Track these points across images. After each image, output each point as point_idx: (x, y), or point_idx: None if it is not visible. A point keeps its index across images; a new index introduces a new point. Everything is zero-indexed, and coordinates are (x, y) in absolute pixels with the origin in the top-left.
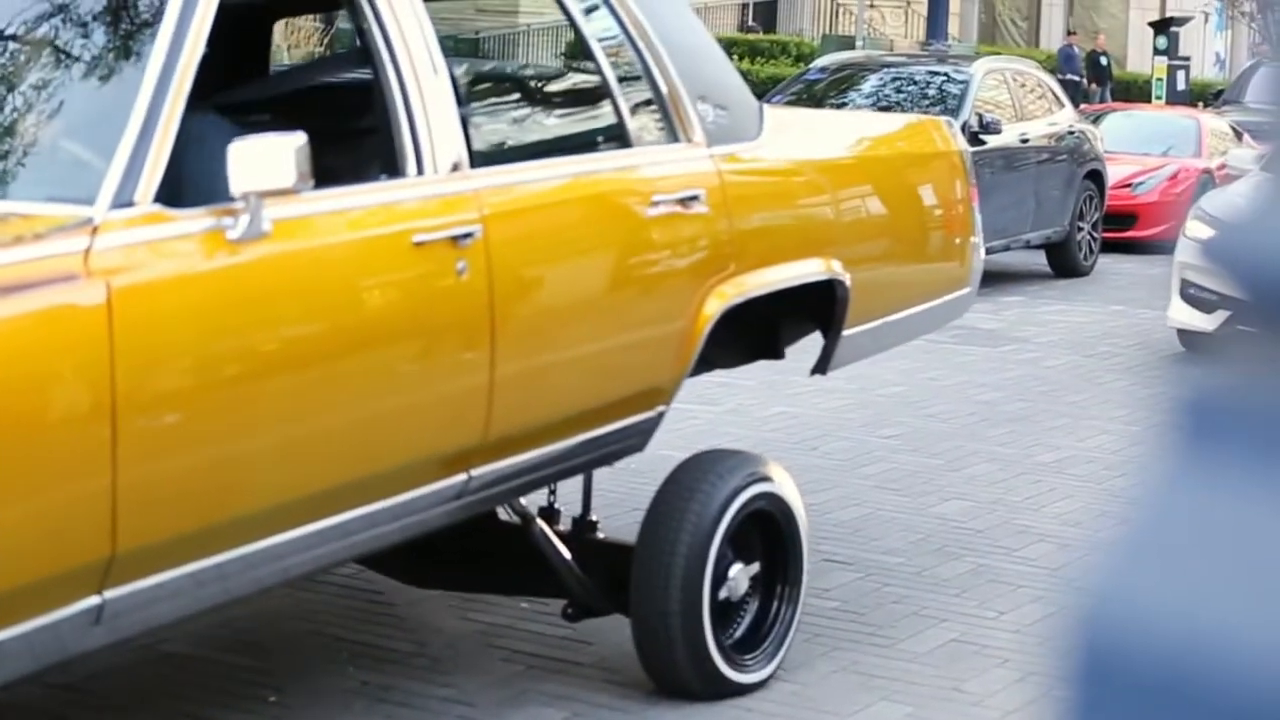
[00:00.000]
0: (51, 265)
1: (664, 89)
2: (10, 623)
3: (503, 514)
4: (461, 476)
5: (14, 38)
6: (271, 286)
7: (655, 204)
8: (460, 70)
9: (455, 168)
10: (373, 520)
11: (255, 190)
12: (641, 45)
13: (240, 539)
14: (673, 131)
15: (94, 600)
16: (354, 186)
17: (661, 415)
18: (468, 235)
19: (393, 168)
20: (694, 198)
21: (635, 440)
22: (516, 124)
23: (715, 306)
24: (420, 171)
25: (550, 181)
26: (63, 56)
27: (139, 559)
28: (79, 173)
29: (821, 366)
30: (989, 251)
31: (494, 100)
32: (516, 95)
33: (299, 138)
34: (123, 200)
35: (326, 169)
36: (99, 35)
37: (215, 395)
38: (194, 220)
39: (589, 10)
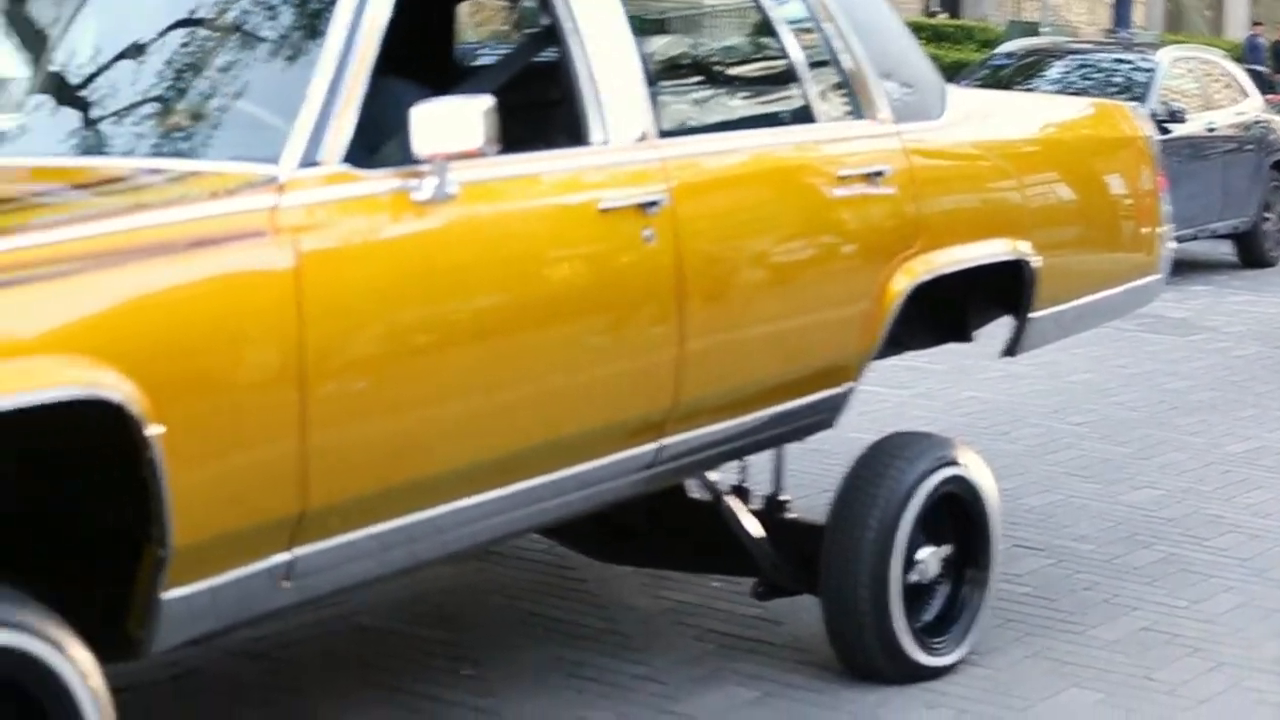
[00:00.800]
0: (240, 221)
1: (849, 66)
2: (199, 577)
3: (694, 492)
4: (652, 446)
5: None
6: (457, 249)
7: (842, 179)
8: (648, 45)
9: (642, 138)
10: (560, 487)
11: (442, 152)
12: (827, 22)
13: (428, 502)
14: (858, 108)
15: (284, 557)
16: (541, 152)
17: (850, 392)
18: (654, 203)
19: (579, 137)
20: (880, 174)
21: (824, 416)
22: (703, 97)
23: (903, 283)
24: (606, 141)
25: (737, 154)
26: (250, 19)
27: (328, 518)
28: (265, 133)
29: (1011, 349)
30: (1176, 240)
31: (681, 73)
32: (703, 69)
33: (486, 100)
34: (309, 160)
35: (513, 137)
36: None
37: (402, 355)
38: (381, 181)
39: None
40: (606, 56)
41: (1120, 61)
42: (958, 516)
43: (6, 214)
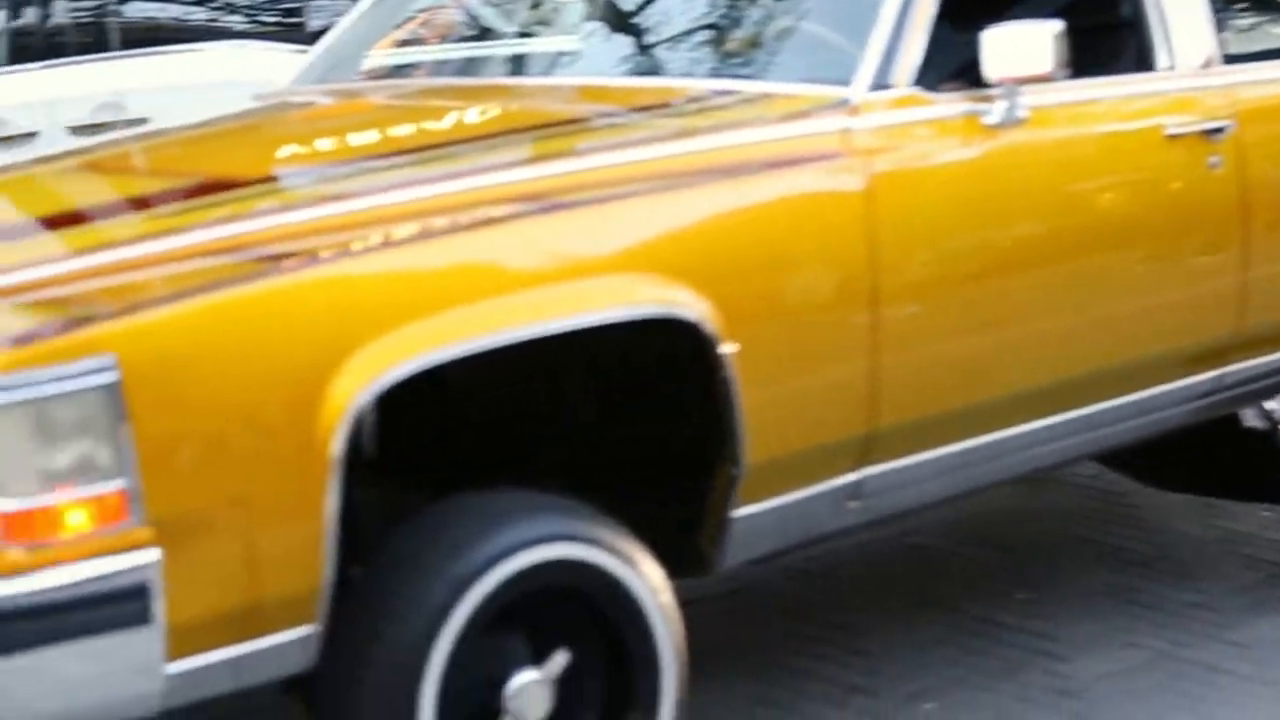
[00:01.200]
0: (814, 142)
1: None
2: (769, 496)
3: (1248, 420)
4: (1212, 374)
5: None
6: (1025, 173)
7: None
8: None
9: (1206, 64)
10: (1118, 414)
11: (1012, 76)
12: None
13: (987, 427)
14: None
15: (851, 477)
16: (1107, 78)
17: None
18: (1220, 130)
19: (1145, 63)
20: None
21: None
22: (1258, 22)
23: None
24: (1172, 67)
25: None
26: None
27: (895, 439)
28: (836, 56)
29: None
30: None
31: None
32: None
33: (1056, 24)
34: (880, 83)
35: (1077, 62)
36: None
37: (968, 278)
38: (951, 104)
39: None
40: None
41: None
42: None
43: (581, 134)
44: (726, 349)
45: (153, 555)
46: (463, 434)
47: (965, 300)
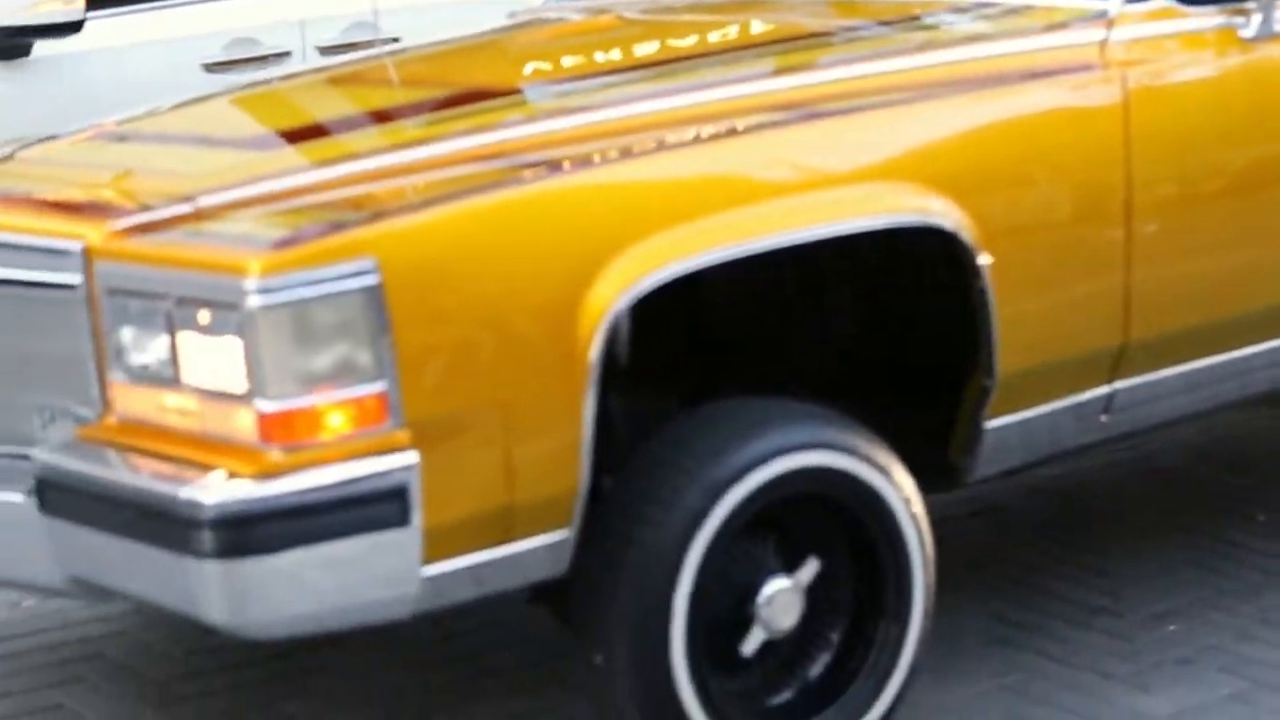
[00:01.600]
0: (1071, 54)
1: None
2: (1020, 408)
3: None
4: None
5: None
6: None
7: None
8: None
9: None
10: None
11: None
12: None
13: (1234, 343)
14: None
15: (1103, 390)
16: None
17: None
18: None
19: None
20: None
21: None
22: None
23: None
24: None
25: None
26: None
27: (1145, 353)
28: None
29: None
30: None
31: None
32: None
33: None
34: None
35: None
36: None
37: (1224, 193)
38: (1207, 17)
39: None
40: None
41: None
42: None
43: (835, 46)
44: (983, 260)
45: (411, 458)
46: (717, 343)
47: (1219, 214)
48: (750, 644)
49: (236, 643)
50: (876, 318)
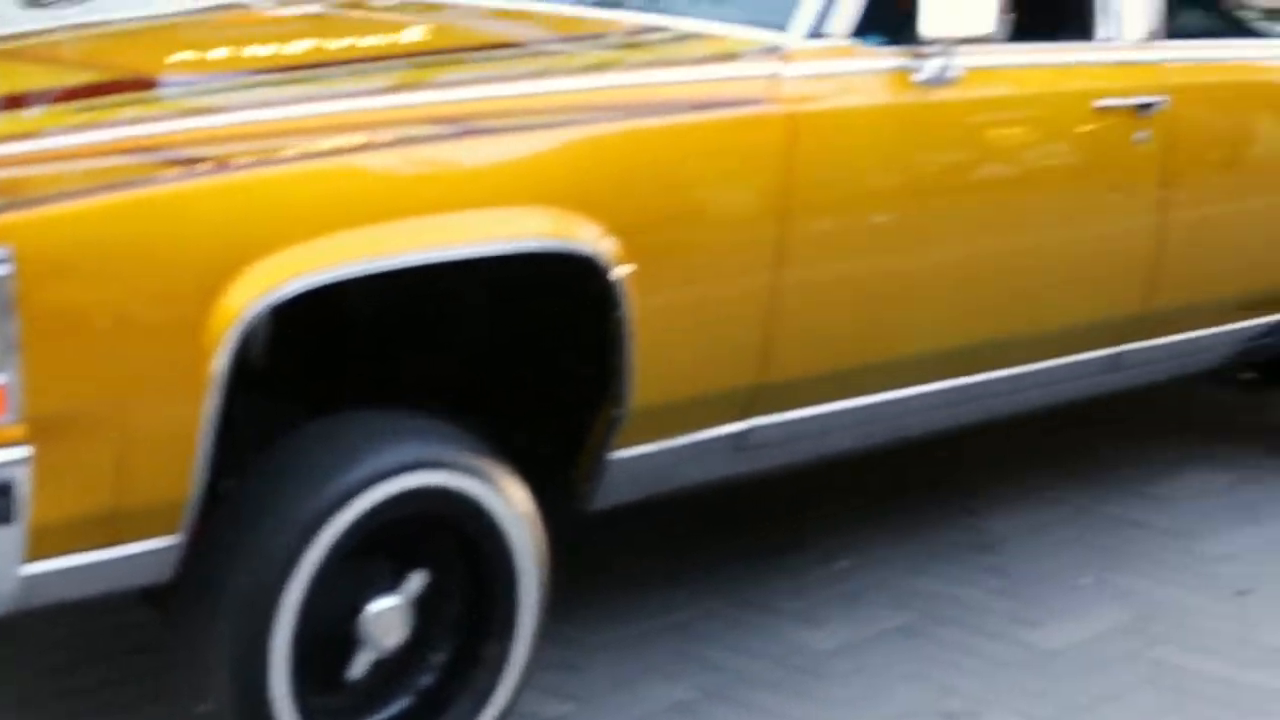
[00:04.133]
0: (739, 87)
1: None
2: (651, 440)
3: None
4: (1109, 351)
5: None
6: (952, 134)
7: None
8: None
9: (1148, 38)
10: (1016, 384)
11: (949, 35)
12: None
13: (880, 386)
14: None
15: (737, 427)
16: (1044, 43)
17: None
18: (1151, 106)
19: (1084, 31)
20: None
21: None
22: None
23: None
24: (1110, 38)
25: (1237, 63)
26: None
27: (785, 392)
28: (777, 1)
29: None
30: None
31: None
32: None
33: None
34: (816, 31)
35: (1015, 26)
36: None
37: (883, 237)
38: (884, 59)
39: None
40: None
41: None
42: None
43: (509, 60)
44: (621, 291)
45: (21, 453)
46: (355, 352)
47: (869, 264)
48: (357, 667)
49: None
50: (515, 337)
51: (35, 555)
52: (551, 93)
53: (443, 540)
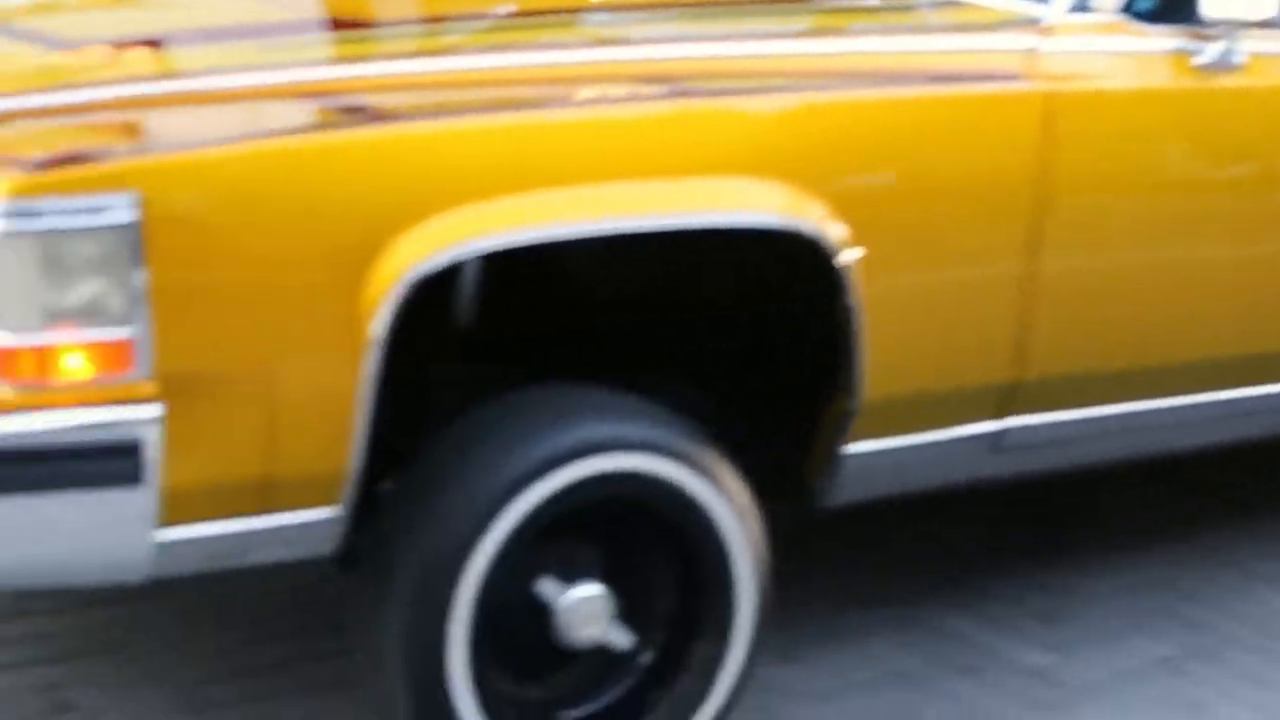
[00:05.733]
0: (993, 60)
1: None
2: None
3: None
4: None
5: None
6: (1232, 124)
7: None
8: None
9: None
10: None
11: (1234, 17)
12: None
13: (1150, 393)
14: None
15: (991, 426)
16: None
17: None
18: None
19: None
20: None
21: None
22: None
23: None
24: None
25: None
26: None
27: (1041, 392)
28: None
29: None
30: None
31: None
32: None
33: None
34: (1081, 4)
35: None
36: None
37: (1153, 232)
38: (1159, 38)
39: None
40: None
41: None
42: None
43: (722, 16)
44: (851, 274)
45: (152, 411)
46: (579, 319)
47: (1136, 256)
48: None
49: None
50: (729, 319)
51: (171, 520)
52: (783, 55)
53: (652, 531)
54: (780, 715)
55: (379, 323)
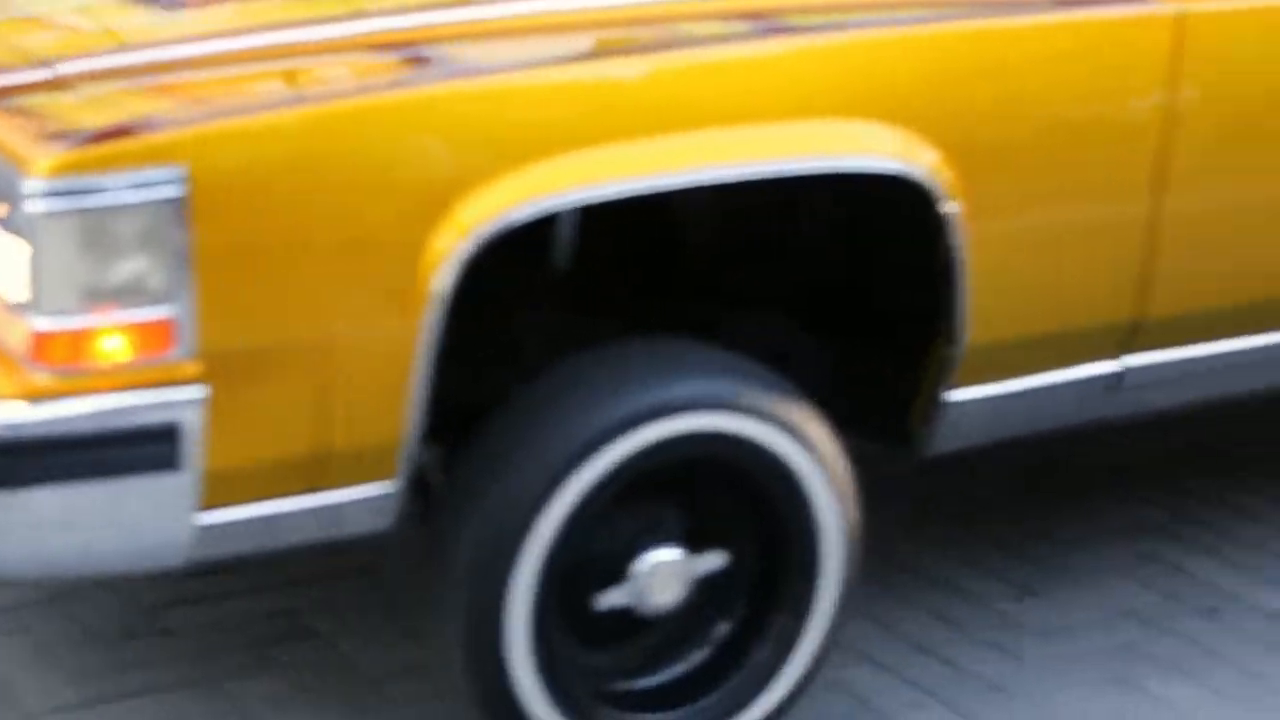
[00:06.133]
0: None
1: None
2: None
3: None
4: None
5: None
6: None
7: None
8: None
9: None
10: None
11: None
12: None
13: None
14: None
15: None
16: None
17: None
18: None
19: None
20: None
21: None
22: None
23: None
24: None
25: None
26: None
27: (1164, 330)
28: None
29: None
30: None
31: None
32: None
33: None
34: None
35: None
36: None
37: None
38: None
39: None
40: None
41: None
42: None
43: None
44: (955, 218)
45: (193, 393)
46: (680, 266)
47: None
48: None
49: None
50: (849, 260)
51: (214, 503)
52: None
53: (738, 493)
54: (1012, 650)
55: (436, 293)
